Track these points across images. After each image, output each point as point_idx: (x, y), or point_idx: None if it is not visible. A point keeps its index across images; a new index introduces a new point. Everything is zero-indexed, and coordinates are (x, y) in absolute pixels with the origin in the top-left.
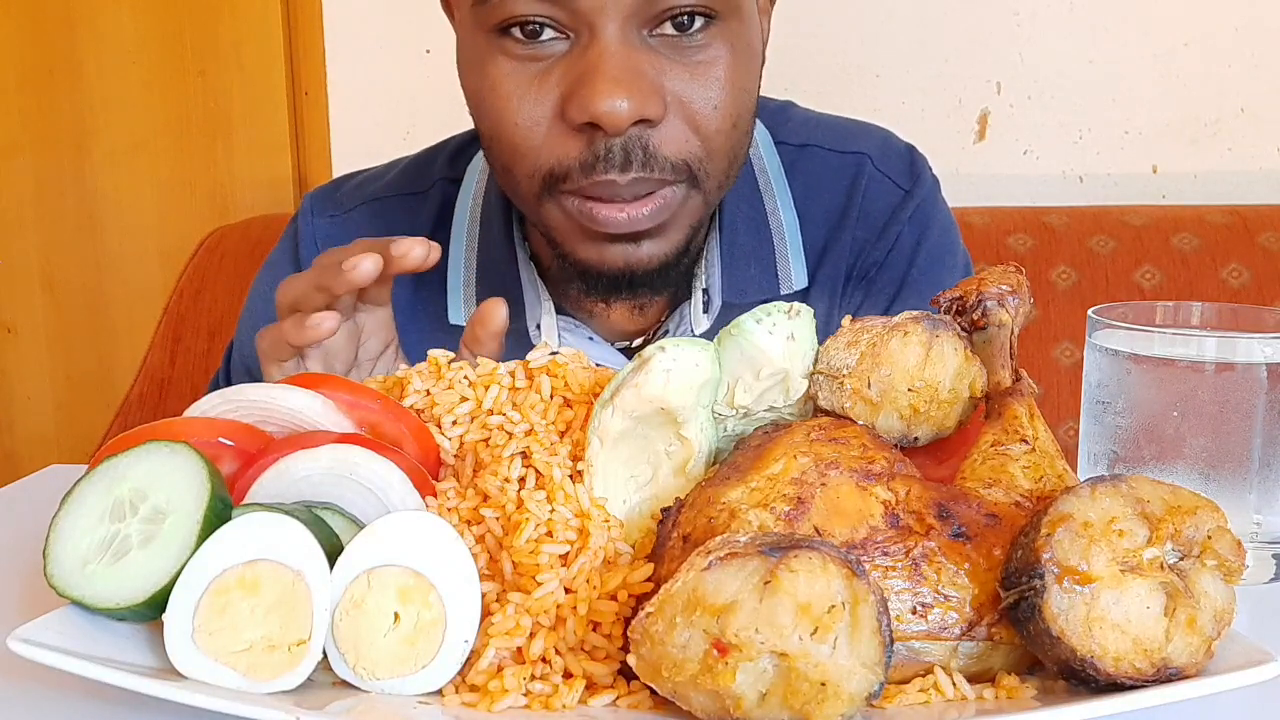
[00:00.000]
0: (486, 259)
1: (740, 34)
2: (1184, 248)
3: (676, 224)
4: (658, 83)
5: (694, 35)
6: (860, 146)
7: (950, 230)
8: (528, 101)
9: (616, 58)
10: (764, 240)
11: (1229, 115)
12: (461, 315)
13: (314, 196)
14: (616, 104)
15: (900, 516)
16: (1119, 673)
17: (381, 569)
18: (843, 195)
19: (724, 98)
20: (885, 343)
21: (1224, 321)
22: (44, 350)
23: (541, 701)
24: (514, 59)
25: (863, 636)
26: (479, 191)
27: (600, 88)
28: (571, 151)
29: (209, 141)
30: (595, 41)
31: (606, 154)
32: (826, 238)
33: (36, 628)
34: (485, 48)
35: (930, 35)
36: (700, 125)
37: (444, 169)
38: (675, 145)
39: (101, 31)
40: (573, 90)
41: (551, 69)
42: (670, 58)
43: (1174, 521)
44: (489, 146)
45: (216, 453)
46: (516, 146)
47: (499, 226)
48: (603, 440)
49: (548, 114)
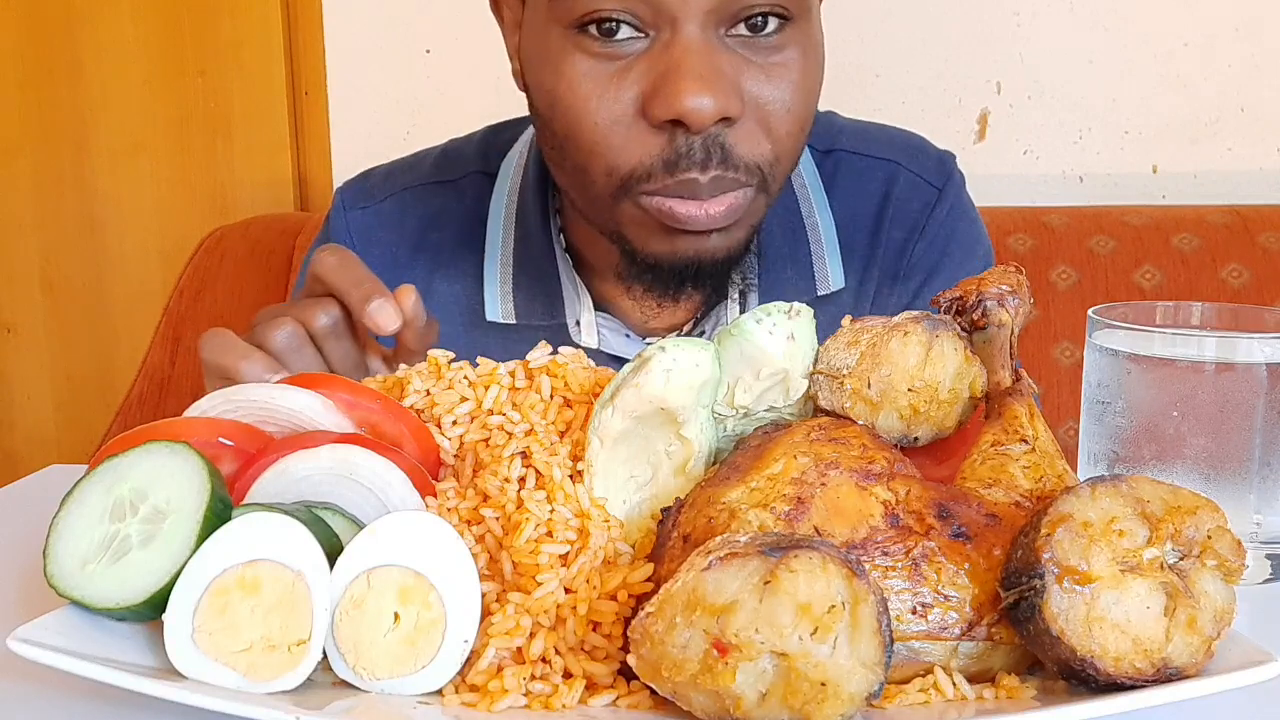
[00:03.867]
0: (523, 255)
1: (810, 35)
2: (1184, 248)
3: (744, 222)
4: (737, 81)
5: (769, 36)
6: (890, 154)
7: (977, 222)
8: (607, 100)
9: (700, 55)
10: (800, 242)
11: (1229, 115)
12: (498, 312)
13: (345, 191)
14: (702, 101)
15: (900, 516)
16: (1119, 673)
17: (381, 569)
18: (877, 200)
19: (795, 100)
20: (885, 343)
21: (1224, 321)
22: (44, 350)
23: (541, 701)
24: (592, 56)
25: (863, 636)
26: (514, 187)
27: (686, 85)
28: (653, 150)
29: (209, 141)
30: (676, 39)
31: (688, 152)
32: (862, 240)
33: (36, 628)
34: (560, 44)
35: (930, 35)
36: (773, 127)
37: (476, 161)
38: (749, 146)
39: (101, 31)
40: (656, 88)
41: (630, 67)
42: (746, 57)
43: (1174, 521)
44: (562, 146)
45: (216, 453)
46: (595, 146)
47: (536, 222)
48: (603, 440)
49: (627, 112)
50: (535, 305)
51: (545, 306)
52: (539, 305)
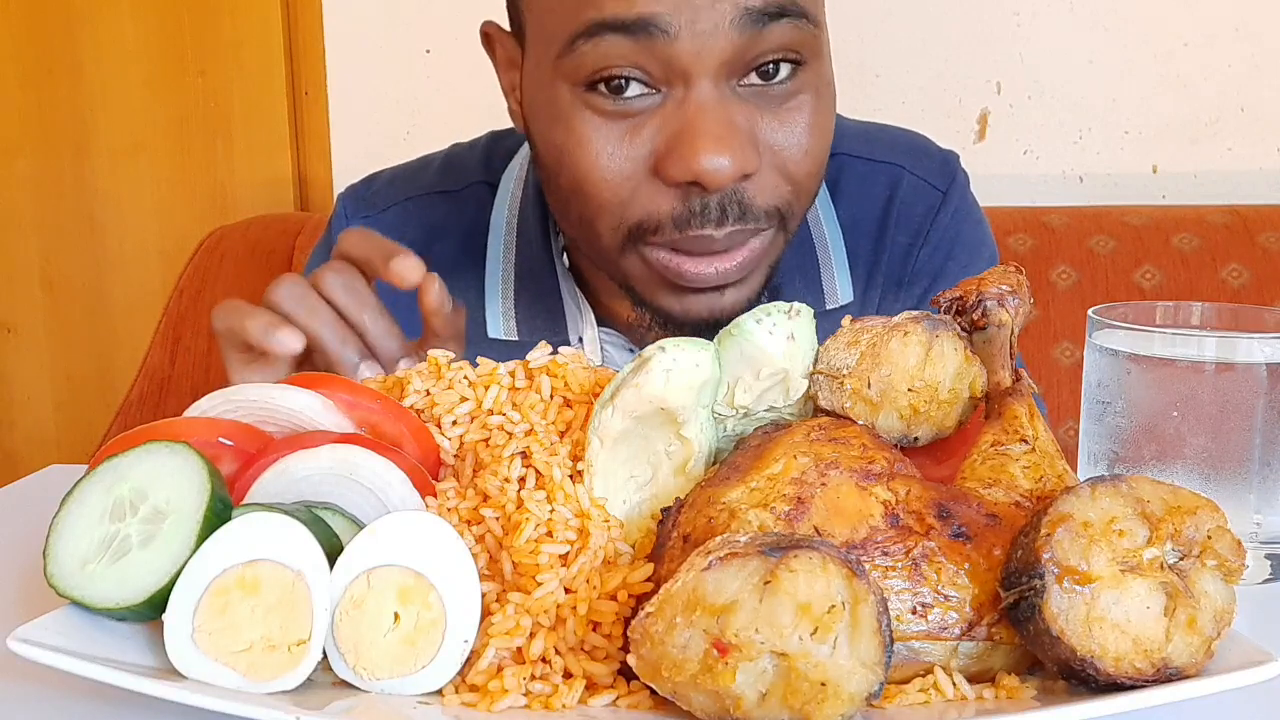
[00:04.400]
0: (525, 272)
1: (822, 74)
2: (1184, 248)
3: (759, 269)
4: (753, 135)
5: (783, 83)
6: (893, 157)
7: (982, 224)
8: (618, 158)
9: (715, 114)
10: (808, 254)
11: (1229, 115)
12: (500, 329)
13: (347, 198)
14: (720, 162)
15: (900, 516)
16: (1119, 673)
17: (381, 569)
18: (881, 204)
19: (813, 142)
20: (885, 343)
21: (1224, 321)
22: (44, 350)
23: (541, 701)
24: (602, 114)
25: (863, 636)
26: (514, 203)
27: (702, 145)
28: (664, 206)
29: (209, 141)
30: (690, 96)
31: (703, 210)
32: (866, 247)
33: (36, 628)
34: (569, 101)
35: (930, 35)
36: (791, 172)
37: (479, 171)
38: (768, 194)
39: (101, 31)
40: (670, 148)
41: (642, 125)
42: (760, 107)
43: (1174, 521)
44: (568, 199)
45: (216, 453)
46: (604, 202)
47: (537, 239)
48: (603, 440)
49: (639, 170)
50: (537, 322)
51: (547, 323)
52: (541, 322)
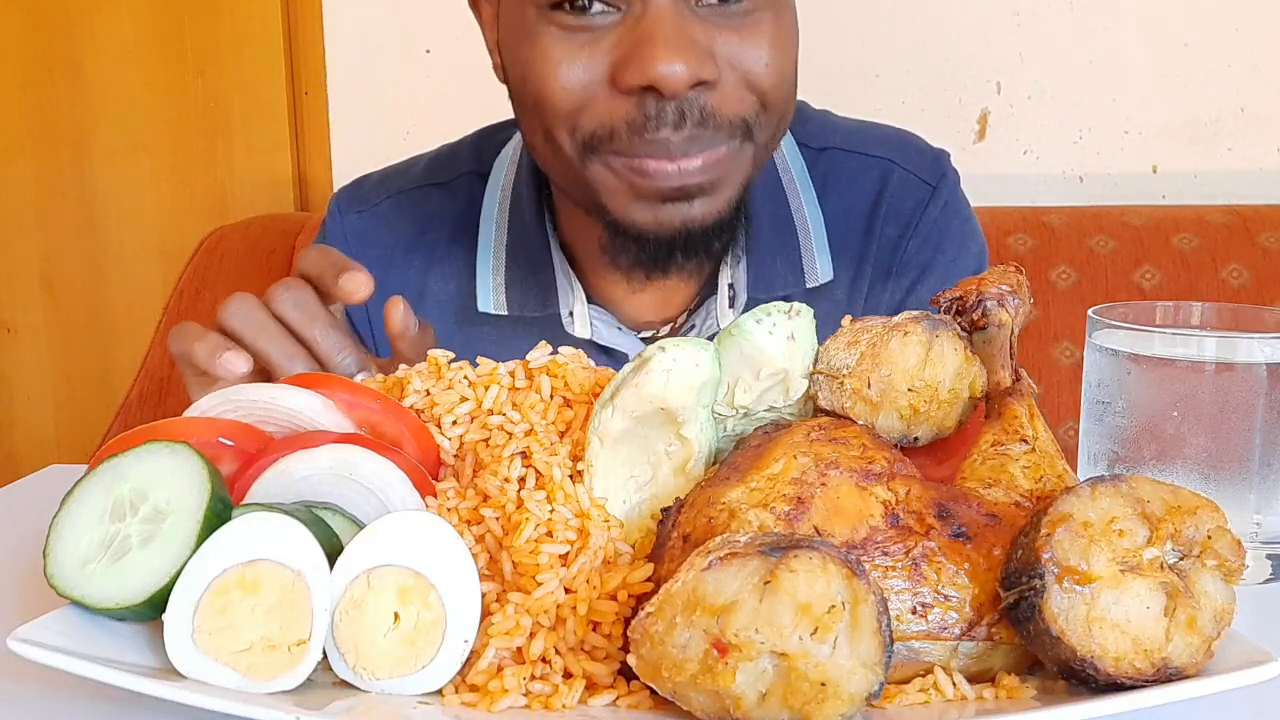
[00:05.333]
0: (517, 247)
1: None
2: (1184, 248)
3: (728, 180)
4: (710, 47)
5: (739, 2)
6: (884, 151)
7: (971, 220)
8: (577, 66)
9: (671, 25)
10: (788, 235)
11: (1229, 115)
12: (491, 303)
13: (339, 197)
14: (674, 67)
15: (900, 516)
16: (1119, 673)
17: (381, 569)
18: (870, 196)
19: (773, 55)
20: (885, 343)
21: (1224, 321)
22: (44, 350)
23: (541, 701)
24: (564, 29)
25: (863, 636)
26: (508, 181)
27: (658, 52)
28: (618, 113)
29: (209, 141)
30: (647, 10)
31: (659, 114)
32: (854, 236)
33: (36, 628)
34: (534, 22)
35: (930, 35)
36: (755, 83)
37: (470, 163)
38: (733, 105)
39: (101, 31)
40: (628, 56)
41: (602, 37)
42: (718, 24)
43: (1174, 521)
44: (532, 114)
45: (216, 453)
46: (561, 111)
47: (530, 215)
48: (603, 440)
49: (597, 79)
50: (528, 296)
51: (538, 298)
52: (532, 296)
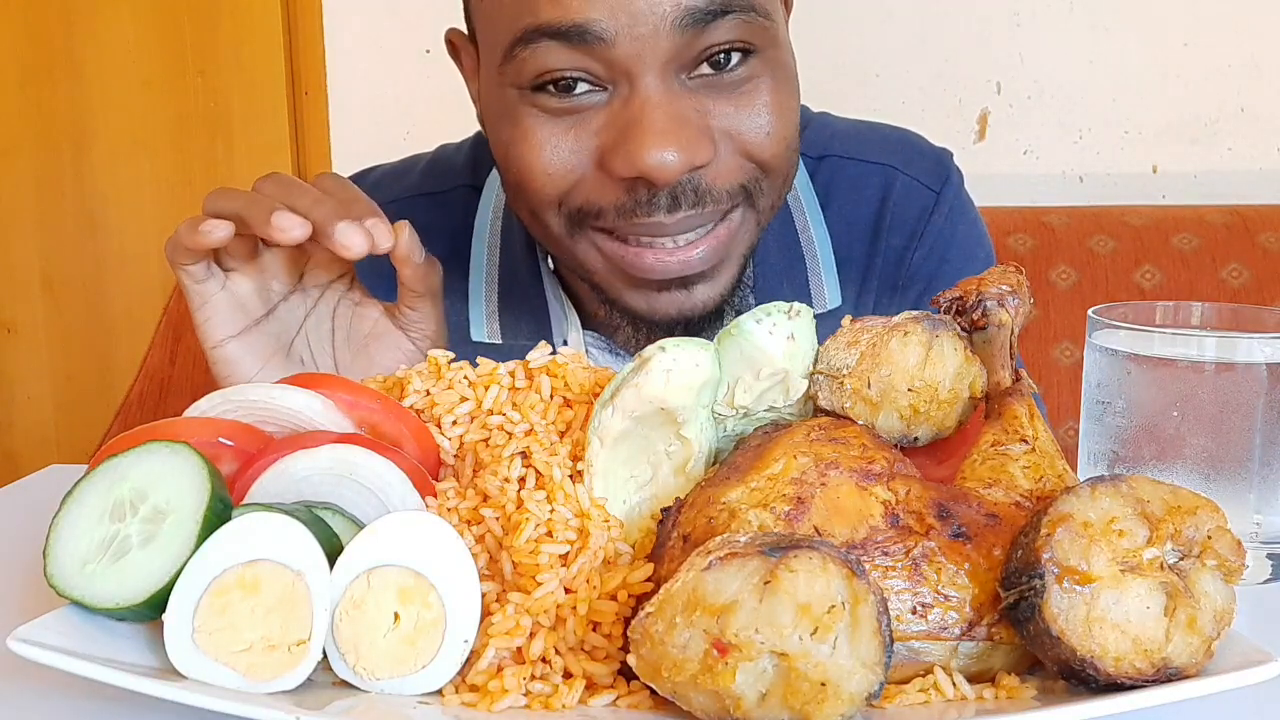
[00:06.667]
0: (508, 275)
1: (777, 59)
2: (1184, 248)
3: (731, 259)
4: (704, 126)
5: (734, 70)
6: (885, 158)
7: (977, 223)
8: (562, 151)
9: (660, 108)
10: (795, 259)
11: (1229, 115)
12: (484, 331)
13: None
14: (665, 157)
15: (900, 516)
16: (1119, 673)
17: (381, 569)
18: (874, 207)
19: (773, 122)
20: (885, 343)
21: (1224, 321)
22: (44, 350)
23: (541, 701)
24: (547, 111)
25: (863, 636)
26: (498, 205)
27: (647, 141)
28: (607, 197)
29: (209, 141)
30: (635, 93)
31: (651, 200)
32: (860, 250)
33: (36, 628)
34: (515, 101)
35: (930, 35)
36: (754, 152)
37: (465, 174)
38: (730, 175)
39: (101, 31)
40: (616, 143)
41: (589, 119)
42: (712, 95)
43: (1174, 521)
44: (515, 194)
45: (216, 453)
46: (546, 194)
47: (521, 242)
48: (603, 440)
49: (584, 162)
50: (521, 325)
51: (531, 326)
52: (525, 325)
